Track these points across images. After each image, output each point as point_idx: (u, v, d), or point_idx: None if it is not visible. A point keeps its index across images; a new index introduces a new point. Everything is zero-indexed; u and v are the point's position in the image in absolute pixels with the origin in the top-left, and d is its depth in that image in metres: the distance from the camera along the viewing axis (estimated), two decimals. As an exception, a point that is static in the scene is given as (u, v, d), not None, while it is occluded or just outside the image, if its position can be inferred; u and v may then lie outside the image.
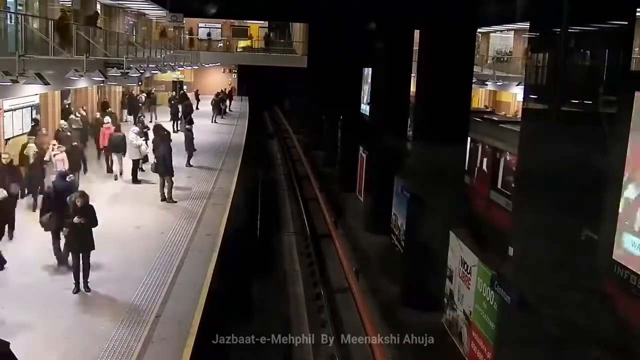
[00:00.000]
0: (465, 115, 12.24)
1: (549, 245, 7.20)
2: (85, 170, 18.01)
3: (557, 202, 7.17)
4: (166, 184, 16.33)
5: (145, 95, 33.16)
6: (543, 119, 7.70)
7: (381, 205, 15.88)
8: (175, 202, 16.27)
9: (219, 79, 48.67)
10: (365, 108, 21.09)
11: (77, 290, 10.36)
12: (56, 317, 9.50)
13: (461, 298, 10.09)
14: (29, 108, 19.60)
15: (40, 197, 12.66)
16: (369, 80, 19.50)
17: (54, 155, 15.18)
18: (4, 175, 13.02)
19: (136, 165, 18.39)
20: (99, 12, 24.43)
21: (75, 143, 17.07)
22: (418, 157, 12.41)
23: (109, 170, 18.96)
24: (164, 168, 16.33)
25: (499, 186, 13.40)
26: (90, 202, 10.75)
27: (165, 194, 16.29)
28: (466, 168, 13.70)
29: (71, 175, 13.10)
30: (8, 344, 6.29)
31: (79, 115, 22.03)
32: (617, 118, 6.49)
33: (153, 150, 17.71)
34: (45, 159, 15.27)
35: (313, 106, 32.87)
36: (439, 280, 10.97)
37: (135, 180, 18.14)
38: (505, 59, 36.26)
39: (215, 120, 33.93)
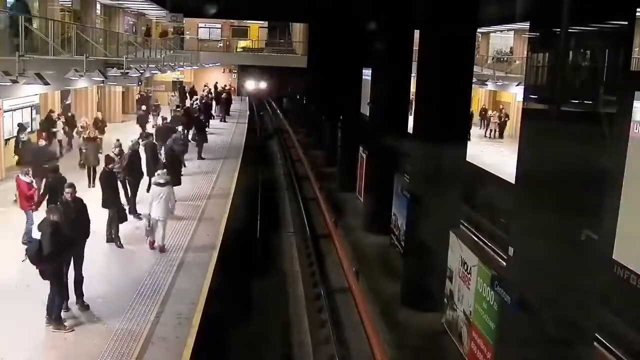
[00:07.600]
0: (466, 115, 12.24)
1: (549, 245, 7.19)
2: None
3: (557, 202, 7.17)
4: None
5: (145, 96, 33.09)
6: (543, 119, 7.70)
7: (381, 205, 15.88)
8: None
9: (218, 79, 48.65)
10: (365, 108, 21.06)
11: None
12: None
13: (461, 298, 10.09)
14: (29, 108, 19.61)
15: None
16: (369, 81, 19.48)
17: None
18: None
19: None
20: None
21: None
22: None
23: None
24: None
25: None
26: None
27: None
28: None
29: None
30: None
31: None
32: (617, 118, 6.49)
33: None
34: None
35: (313, 106, 32.82)
36: (439, 280, 10.97)
37: None
38: (505, 58, 36.30)
39: None
